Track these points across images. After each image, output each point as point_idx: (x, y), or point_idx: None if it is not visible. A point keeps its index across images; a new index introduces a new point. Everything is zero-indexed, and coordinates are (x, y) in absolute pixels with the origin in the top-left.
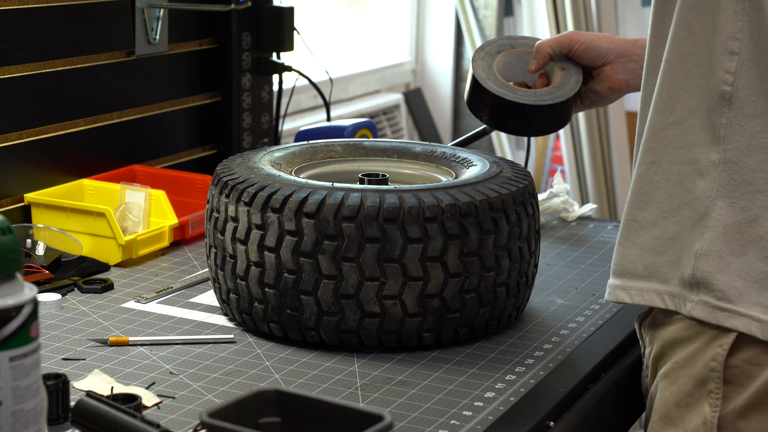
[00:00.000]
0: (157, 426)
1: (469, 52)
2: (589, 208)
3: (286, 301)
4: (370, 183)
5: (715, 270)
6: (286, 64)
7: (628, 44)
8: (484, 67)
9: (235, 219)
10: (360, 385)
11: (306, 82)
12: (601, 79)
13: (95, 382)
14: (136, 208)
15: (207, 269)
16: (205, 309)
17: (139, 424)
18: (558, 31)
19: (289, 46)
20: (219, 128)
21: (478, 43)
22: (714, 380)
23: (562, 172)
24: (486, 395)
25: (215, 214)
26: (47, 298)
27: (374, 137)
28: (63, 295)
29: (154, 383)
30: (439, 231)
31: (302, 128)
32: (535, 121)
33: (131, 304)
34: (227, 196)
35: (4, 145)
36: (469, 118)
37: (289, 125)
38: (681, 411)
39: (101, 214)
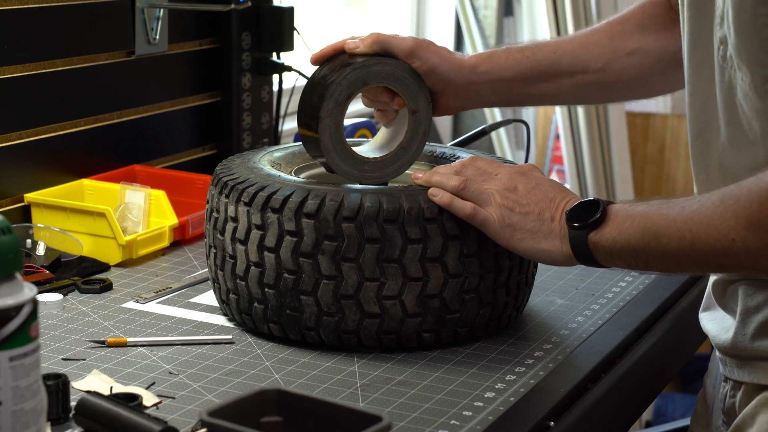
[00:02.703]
0: (164, 423)
1: (469, 52)
2: None
3: (286, 301)
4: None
5: None
6: (286, 64)
7: (466, 72)
8: (332, 129)
9: (235, 219)
10: (360, 385)
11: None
12: (435, 104)
13: (94, 382)
14: (136, 208)
15: (207, 269)
16: (204, 309)
17: (144, 421)
18: (558, 33)
19: (289, 46)
20: (219, 128)
21: (478, 43)
22: None
23: (561, 171)
24: (486, 395)
25: (215, 215)
26: (48, 298)
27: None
28: (64, 295)
29: (153, 383)
30: (438, 231)
31: None
32: None
33: (131, 304)
34: (227, 197)
35: (4, 145)
36: (469, 117)
37: (289, 125)
38: None
39: (101, 214)
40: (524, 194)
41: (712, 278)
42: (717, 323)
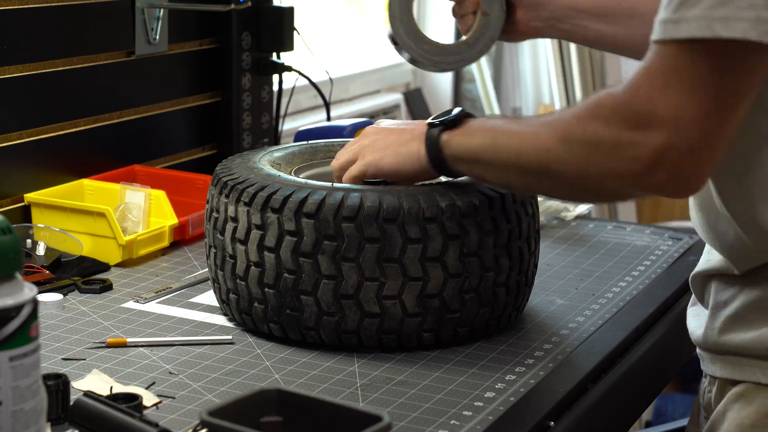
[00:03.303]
0: (156, 425)
1: None
2: (586, 206)
3: (286, 301)
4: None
5: None
6: (286, 64)
7: None
8: (401, 12)
9: (235, 219)
10: (360, 385)
11: (306, 82)
12: (511, 22)
13: (94, 382)
14: (136, 208)
15: (207, 269)
16: (204, 309)
17: (138, 423)
18: None
19: (289, 46)
20: (219, 128)
21: None
22: None
23: None
24: (486, 395)
25: (215, 214)
26: (48, 298)
27: None
28: (64, 295)
29: (153, 383)
30: (438, 231)
31: (301, 128)
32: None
33: (131, 304)
34: (227, 197)
35: (4, 145)
36: None
37: (289, 125)
38: None
39: (101, 214)
40: (389, 127)
41: (692, 273)
42: (697, 319)
